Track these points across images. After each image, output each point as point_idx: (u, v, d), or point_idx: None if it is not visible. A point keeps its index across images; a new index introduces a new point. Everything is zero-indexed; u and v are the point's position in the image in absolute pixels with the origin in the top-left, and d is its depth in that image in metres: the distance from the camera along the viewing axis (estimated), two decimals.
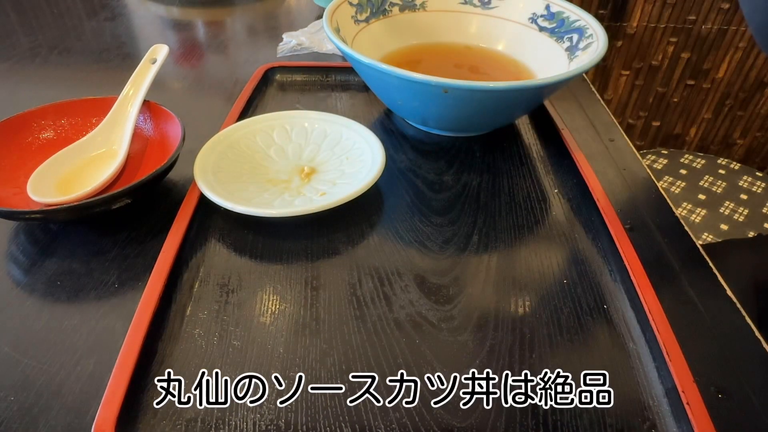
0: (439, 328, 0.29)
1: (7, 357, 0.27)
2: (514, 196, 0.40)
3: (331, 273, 0.33)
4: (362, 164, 0.38)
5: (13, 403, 0.25)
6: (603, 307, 0.31)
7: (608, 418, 0.26)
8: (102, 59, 0.59)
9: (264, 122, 0.42)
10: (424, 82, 0.36)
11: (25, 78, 0.55)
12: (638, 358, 0.28)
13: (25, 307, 0.30)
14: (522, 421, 0.25)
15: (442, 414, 0.25)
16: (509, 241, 0.36)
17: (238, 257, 0.34)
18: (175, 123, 0.38)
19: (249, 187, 0.37)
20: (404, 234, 0.36)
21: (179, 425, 0.25)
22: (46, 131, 0.39)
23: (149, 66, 0.41)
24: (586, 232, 0.37)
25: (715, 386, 0.27)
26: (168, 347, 0.28)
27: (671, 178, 0.92)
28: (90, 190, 0.35)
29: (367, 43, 0.49)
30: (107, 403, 0.24)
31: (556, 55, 0.47)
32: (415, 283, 0.32)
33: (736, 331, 0.30)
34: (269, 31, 0.69)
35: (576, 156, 0.42)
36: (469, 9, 0.53)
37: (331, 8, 0.46)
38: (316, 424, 0.25)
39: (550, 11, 0.50)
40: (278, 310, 0.30)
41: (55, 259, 0.33)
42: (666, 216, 0.39)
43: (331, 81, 0.54)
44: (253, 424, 0.25)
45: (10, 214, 0.32)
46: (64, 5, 0.75)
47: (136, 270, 0.32)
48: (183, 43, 0.64)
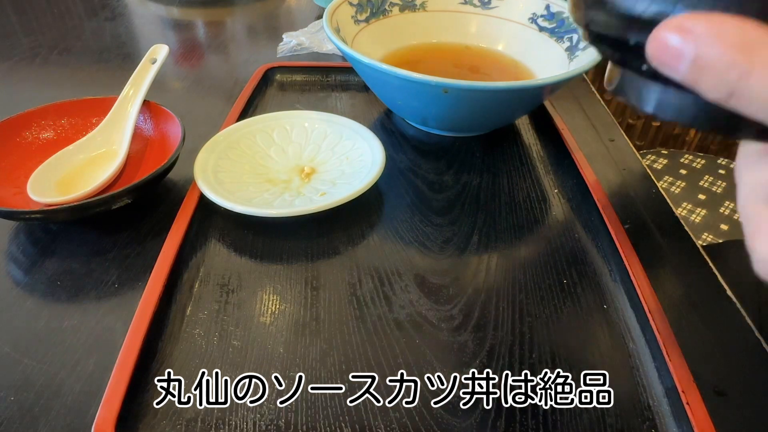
0: (439, 328, 0.29)
1: (7, 357, 0.27)
2: (514, 196, 0.40)
3: (331, 273, 0.33)
4: (362, 164, 0.38)
5: (13, 403, 0.25)
6: (603, 307, 0.31)
7: (608, 418, 0.26)
8: (102, 59, 0.59)
9: (264, 122, 0.42)
10: (424, 82, 0.36)
11: (25, 78, 0.55)
12: (638, 358, 0.28)
13: (25, 307, 0.30)
14: (522, 421, 0.25)
15: (442, 414, 0.25)
16: (509, 241, 0.36)
17: (238, 257, 0.34)
18: (175, 123, 0.38)
19: (249, 187, 0.37)
20: (404, 234, 0.36)
21: (179, 425, 0.25)
22: (46, 131, 0.39)
23: (149, 66, 0.41)
24: (586, 232, 0.37)
25: (715, 386, 0.27)
26: (168, 347, 0.28)
27: (671, 178, 0.92)
28: (90, 190, 0.35)
29: (367, 43, 0.49)
30: (107, 403, 0.24)
31: (556, 55, 0.47)
32: (415, 283, 0.32)
33: (736, 331, 0.30)
34: (269, 31, 0.69)
35: (576, 156, 0.42)
36: (469, 9, 0.53)
37: (331, 8, 0.46)
38: (316, 424, 0.25)
39: (550, 11, 0.50)
40: (278, 310, 0.30)
41: (55, 259, 0.33)
42: (666, 216, 0.39)
43: (331, 81, 0.54)
44: (253, 424, 0.25)
45: (10, 214, 0.32)
46: (64, 5, 0.75)
47: (136, 270, 0.32)
48: (183, 43, 0.64)
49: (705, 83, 0.14)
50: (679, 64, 0.14)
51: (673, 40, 0.14)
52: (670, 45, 0.14)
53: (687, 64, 0.14)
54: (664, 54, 0.14)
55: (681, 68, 0.14)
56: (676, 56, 0.14)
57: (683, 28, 0.14)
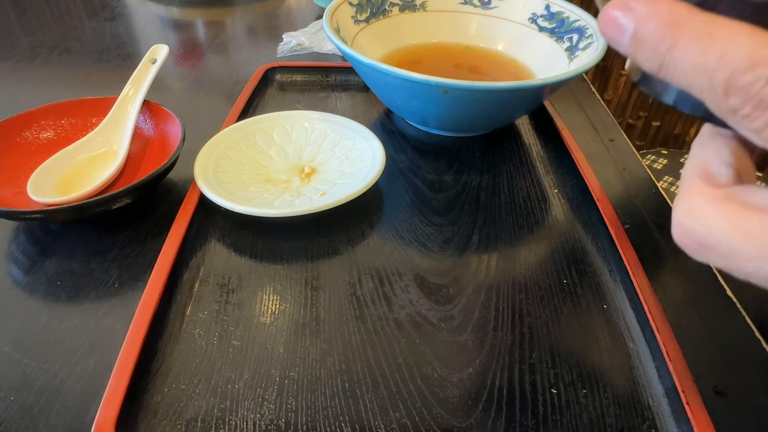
0: (439, 328, 0.29)
1: (7, 357, 0.27)
2: (514, 196, 0.40)
3: (331, 273, 0.33)
4: (362, 164, 0.38)
5: (13, 403, 0.25)
6: (603, 307, 0.31)
7: (608, 418, 0.26)
8: (102, 59, 0.59)
9: (264, 122, 0.42)
10: (424, 82, 0.36)
11: (25, 78, 0.55)
12: (638, 358, 0.28)
13: (25, 307, 0.30)
14: (522, 421, 0.25)
15: (442, 414, 0.25)
16: (509, 241, 0.36)
17: (238, 257, 0.34)
18: (175, 123, 0.38)
19: (249, 187, 0.37)
20: (404, 234, 0.36)
21: (179, 425, 0.25)
22: (46, 131, 0.39)
23: (149, 66, 0.41)
24: (586, 232, 0.37)
25: (715, 386, 0.27)
26: (168, 347, 0.28)
27: (671, 178, 0.92)
28: (90, 190, 0.35)
29: (367, 43, 0.49)
30: (107, 403, 0.24)
31: (556, 55, 0.47)
32: (415, 283, 0.32)
33: (736, 331, 0.30)
34: (269, 31, 0.69)
35: (576, 156, 0.42)
36: (469, 9, 0.53)
37: (331, 8, 0.46)
38: (316, 424, 0.25)
39: (550, 11, 0.50)
40: (278, 310, 0.30)
41: (55, 259, 0.33)
42: (666, 216, 0.39)
43: (331, 81, 0.54)
44: (253, 424, 0.25)
45: (10, 214, 0.32)
46: (64, 5, 0.75)
47: (136, 270, 0.32)
48: (183, 43, 0.64)
49: (641, 55, 0.16)
50: (622, 37, 0.16)
51: (618, 16, 0.16)
52: (616, 20, 0.16)
53: (628, 38, 0.16)
54: (611, 28, 0.16)
55: (624, 41, 0.16)
56: (620, 31, 0.16)
57: (626, 6, 0.16)
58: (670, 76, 0.15)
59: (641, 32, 0.15)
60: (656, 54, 0.15)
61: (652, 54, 0.15)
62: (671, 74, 0.15)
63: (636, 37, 0.16)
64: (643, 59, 0.16)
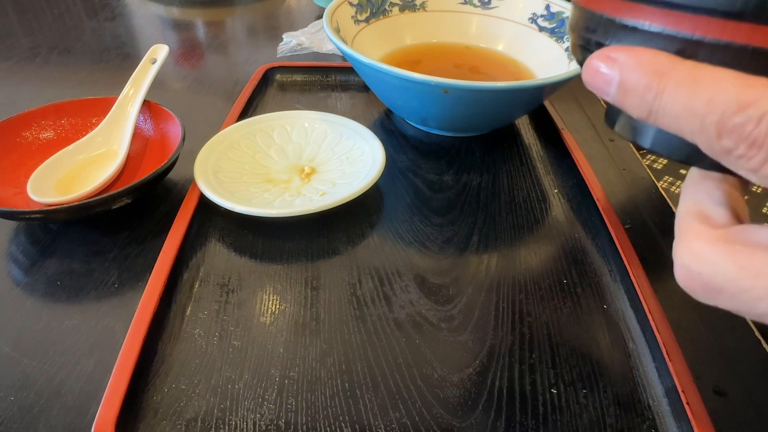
0: (439, 328, 0.29)
1: (7, 357, 0.27)
2: (514, 196, 0.40)
3: (331, 273, 0.33)
4: (362, 164, 0.38)
5: (13, 403, 0.25)
6: (603, 307, 0.31)
7: (608, 418, 0.26)
8: (102, 59, 0.59)
9: (264, 122, 0.42)
10: (424, 82, 0.36)
11: (25, 78, 0.55)
12: (638, 358, 0.28)
13: (25, 307, 0.30)
14: (522, 421, 0.25)
15: (442, 414, 0.25)
16: (509, 241, 0.36)
17: (238, 257, 0.34)
18: (175, 123, 0.38)
19: (249, 187, 0.37)
20: (404, 234, 0.36)
21: (179, 425, 0.25)
22: (46, 131, 0.39)
23: (149, 66, 0.41)
24: (586, 232, 0.37)
25: (715, 386, 0.27)
26: (168, 347, 0.28)
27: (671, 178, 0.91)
28: (90, 190, 0.35)
29: (367, 43, 0.49)
30: (107, 403, 0.24)
31: (556, 55, 0.47)
32: (415, 283, 0.32)
33: (736, 331, 0.30)
34: (269, 31, 0.69)
35: (576, 156, 0.42)
36: (469, 9, 0.53)
37: (331, 8, 0.46)
38: (316, 424, 0.25)
39: (550, 11, 0.50)
40: (278, 310, 0.30)
41: (55, 259, 0.33)
42: (666, 216, 0.39)
43: (331, 81, 0.54)
44: (253, 424, 0.25)
45: (10, 214, 0.32)
46: (64, 5, 0.75)
47: (136, 270, 0.32)
48: (183, 43, 0.64)
49: (629, 103, 0.16)
50: (609, 87, 0.16)
51: (602, 67, 0.16)
52: (600, 72, 0.16)
53: (615, 88, 0.16)
54: (596, 79, 0.17)
55: (611, 91, 0.16)
56: (605, 81, 0.16)
57: (609, 57, 0.16)
58: (660, 122, 0.16)
59: (627, 82, 0.16)
60: (644, 102, 0.15)
61: (640, 102, 0.16)
62: (661, 120, 0.15)
63: (623, 87, 0.16)
64: (631, 107, 0.16)
